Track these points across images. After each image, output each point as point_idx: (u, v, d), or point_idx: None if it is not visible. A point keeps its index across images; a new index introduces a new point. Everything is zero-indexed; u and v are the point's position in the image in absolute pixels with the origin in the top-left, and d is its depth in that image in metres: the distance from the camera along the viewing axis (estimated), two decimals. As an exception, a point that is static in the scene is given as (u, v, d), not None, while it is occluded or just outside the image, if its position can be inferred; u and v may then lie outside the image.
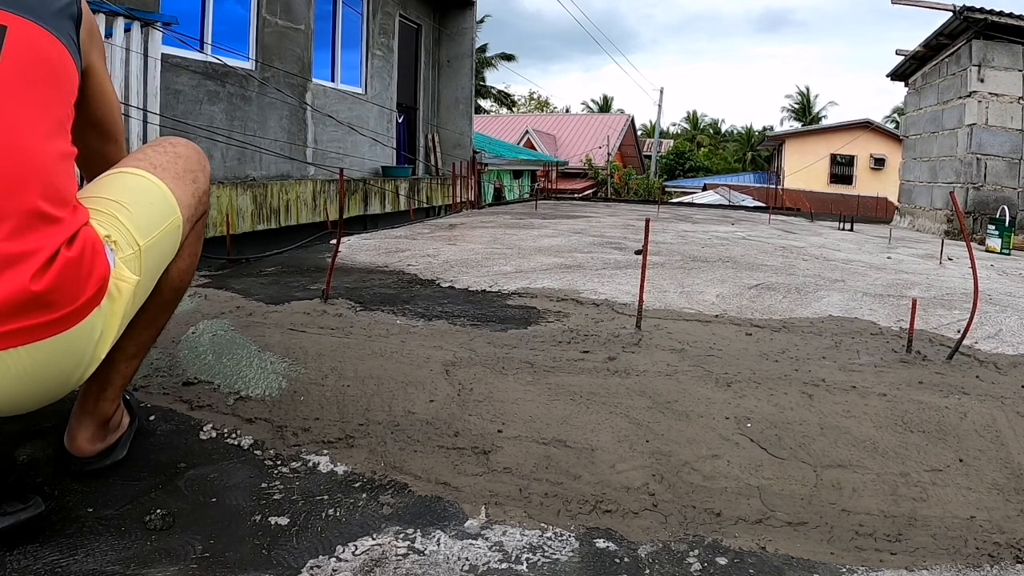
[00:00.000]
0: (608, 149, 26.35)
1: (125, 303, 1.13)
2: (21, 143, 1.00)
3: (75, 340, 1.04)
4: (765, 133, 33.60)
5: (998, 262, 5.63)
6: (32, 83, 1.03)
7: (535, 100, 40.66)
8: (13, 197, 0.97)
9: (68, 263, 1.00)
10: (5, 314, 0.95)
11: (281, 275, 3.31)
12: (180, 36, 5.06)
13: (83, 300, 1.03)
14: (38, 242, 0.98)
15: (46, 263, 0.98)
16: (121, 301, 1.11)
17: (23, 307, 0.96)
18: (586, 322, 2.48)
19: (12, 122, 1.00)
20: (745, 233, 6.60)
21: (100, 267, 1.06)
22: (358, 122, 8.17)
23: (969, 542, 1.24)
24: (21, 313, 0.96)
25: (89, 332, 1.06)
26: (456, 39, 10.81)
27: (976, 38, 7.90)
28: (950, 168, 8.57)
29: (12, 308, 0.95)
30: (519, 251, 4.37)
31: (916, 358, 2.16)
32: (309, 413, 1.65)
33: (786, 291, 3.25)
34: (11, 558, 1.07)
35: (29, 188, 0.99)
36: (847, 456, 1.49)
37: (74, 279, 1.01)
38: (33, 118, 1.02)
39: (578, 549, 1.19)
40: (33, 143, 1.01)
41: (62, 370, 1.05)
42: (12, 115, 1.00)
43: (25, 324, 0.97)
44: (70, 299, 1.01)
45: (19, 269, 0.96)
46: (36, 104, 1.03)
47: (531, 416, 1.62)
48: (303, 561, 1.11)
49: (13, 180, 0.98)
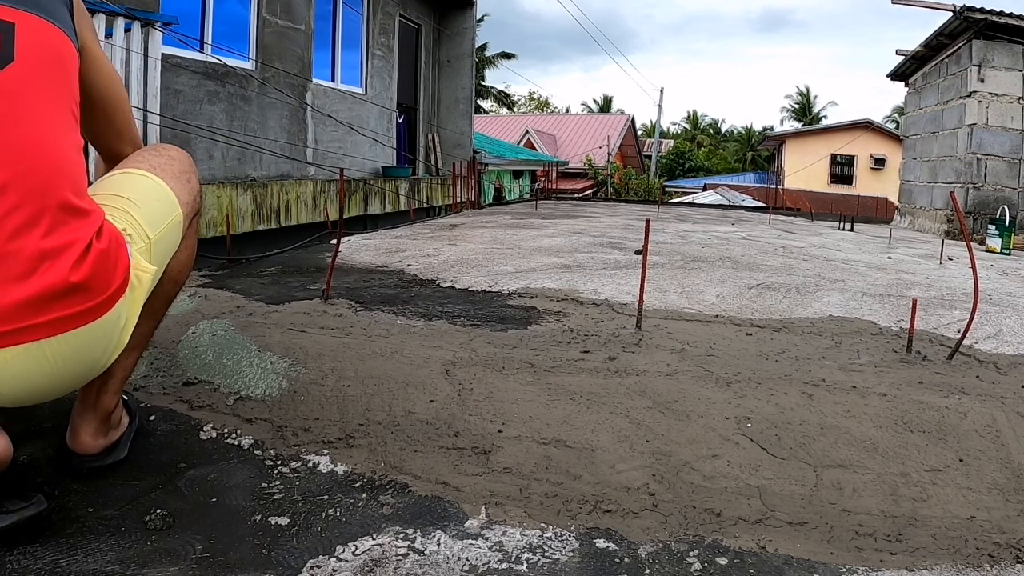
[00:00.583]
0: (608, 149, 26.36)
1: (145, 292, 1.20)
2: (49, 140, 1.05)
3: (105, 328, 1.10)
4: (765, 133, 33.59)
5: (998, 262, 5.63)
6: (47, 79, 1.07)
7: (535, 100, 40.69)
8: (48, 194, 1.03)
9: (100, 254, 1.07)
10: (45, 304, 1.01)
11: (281, 275, 3.31)
12: (180, 36, 5.07)
13: (112, 290, 1.10)
14: (73, 234, 1.04)
15: (82, 254, 1.04)
16: (141, 290, 1.18)
17: (62, 296, 1.03)
18: (586, 322, 2.48)
19: (37, 119, 1.04)
20: (745, 233, 6.60)
21: (124, 258, 1.13)
22: (358, 122, 8.17)
23: (969, 542, 1.24)
24: (60, 303, 1.02)
25: (116, 320, 1.12)
26: (456, 39, 10.81)
27: (976, 38, 7.90)
28: (950, 168, 8.57)
29: (52, 297, 1.02)
30: (519, 251, 4.37)
31: (916, 358, 2.16)
32: (309, 413, 1.65)
33: (786, 291, 3.25)
34: (11, 558, 1.07)
35: (61, 183, 1.05)
36: (847, 456, 1.49)
37: (104, 270, 1.08)
38: (53, 114, 1.06)
39: (578, 549, 1.19)
40: (57, 138, 1.06)
41: (92, 357, 1.12)
42: (36, 113, 1.04)
43: (63, 314, 1.03)
44: (102, 288, 1.08)
45: (59, 262, 1.02)
46: (53, 100, 1.07)
47: (531, 416, 1.62)
48: (303, 561, 1.11)
49: (46, 177, 1.03)
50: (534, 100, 40.69)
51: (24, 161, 1.02)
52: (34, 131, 1.03)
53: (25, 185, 1.01)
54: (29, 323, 1.01)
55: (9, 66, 1.02)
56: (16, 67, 1.03)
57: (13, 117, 1.02)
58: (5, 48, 1.02)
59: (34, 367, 1.04)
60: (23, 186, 1.01)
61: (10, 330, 1.00)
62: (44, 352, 1.03)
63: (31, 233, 1.00)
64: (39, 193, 1.02)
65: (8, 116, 1.01)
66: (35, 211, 1.01)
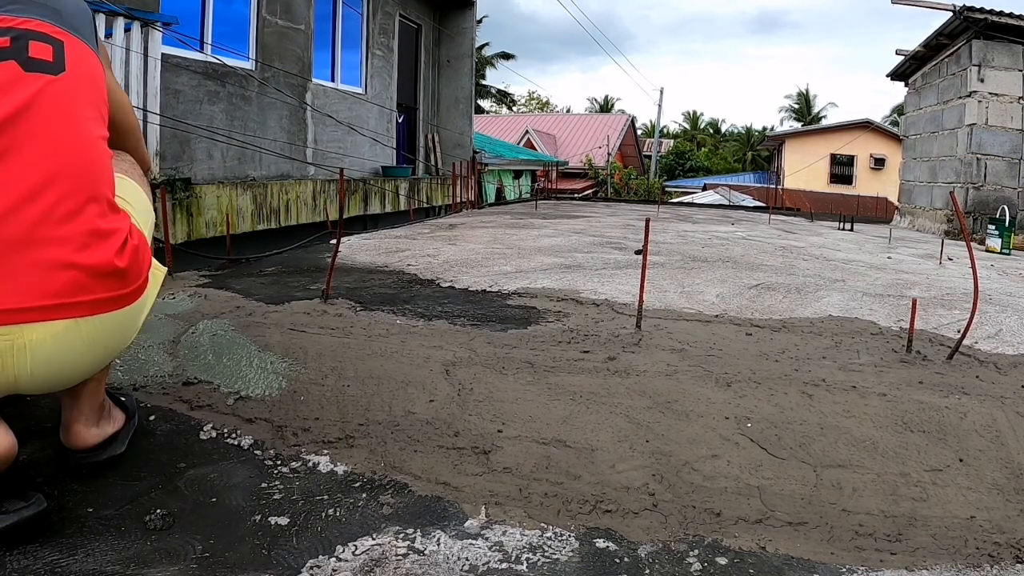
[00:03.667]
0: (608, 149, 26.34)
1: (157, 289, 1.33)
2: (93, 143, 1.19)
3: (132, 315, 1.23)
4: (765, 133, 33.58)
5: (998, 262, 5.63)
6: (89, 93, 1.22)
7: (535, 100, 40.66)
8: (99, 184, 1.17)
9: (135, 249, 1.20)
10: (94, 280, 1.13)
11: (281, 275, 3.31)
12: (180, 36, 5.06)
13: (141, 281, 1.22)
14: (118, 223, 1.19)
15: (124, 243, 1.18)
16: (155, 285, 1.32)
17: (107, 278, 1.14)
18: (586, 322, 2.48)
19: (84, 125, 1.18)
20: (745, 233, 6.60)
21: (147, 256, 1.27)
22: (358, 122, 8.17)
23: (969, 542, 1.24)
24: (102, 283, 1.14)
25: (141, 309, 1.25)
26: (456, 39, 10.81)
27: (976, 38, 7.89)
28: (950, 168, 8.57)
29: (99, 275, 1.13)
30: (519, 251, 4.36)
31: (916, 358, 2.16)
32: (309, 413, 1.65)
33: (786, 291, 3.25)
34: (11, 558, 1.07)
35: (106, 179, 1.20)
36: (847, 456, 1.49)
37: (137, 262, 1.21)
38: (94, 123, 1.21)
39: (578, 549, 1.19)
40: (99, 144, 1.21)
41: (120, 339, 1.23)
42: (83, 118, 1.18)
43: (103, 296, 1.15)
44: (135, 278, 1.20)
45: (109, 243, 1.15)
46: (93, 112, 1.22)
47: (531, 416, 1.62)
48: (303, 561, 1.11)
49: (92, 174, 1.16)
50: (534, 100, 40.69)
51: (74, 156, 1.14)
52: (82, 134, 1.17)
53: (75, 177, 1.13)
54: (74, 299, 1.11)
55: (62, 74, 1.17)
56: (67, 77, 1.18)
57: (65, 118, 1.16)
58: (57, 59, 1.18)
59: (68, 344, 1.12)
60: (73, 177, 1.13)
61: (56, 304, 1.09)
62: (81, 330, 1.12)
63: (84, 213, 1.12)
64: (88, 186, 1.14)
65: (62, 116, 1.15)
66: (85, 199, 1.13)
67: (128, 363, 1.85)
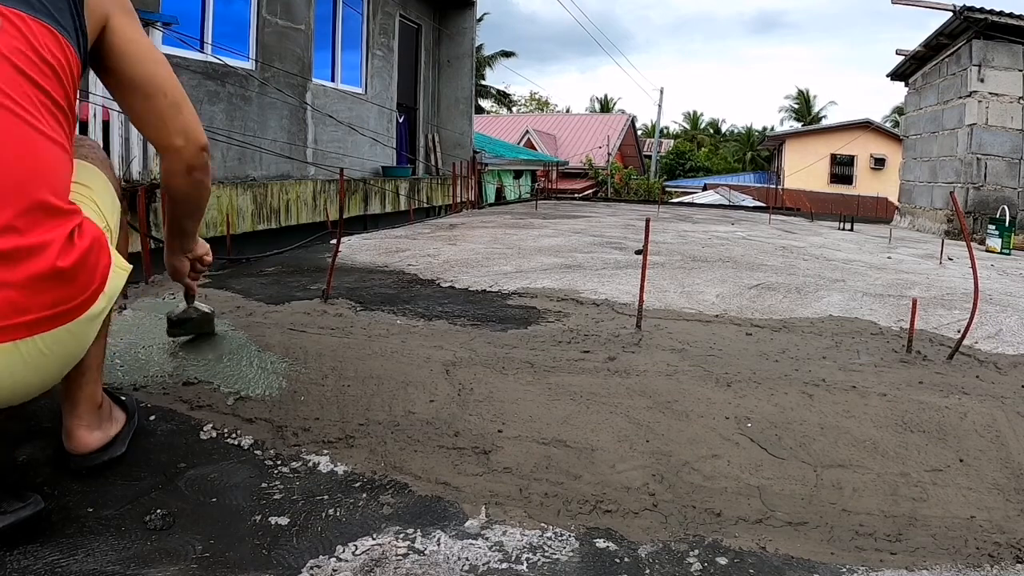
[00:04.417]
0: (608, 149, 26.35)
1: (119, 288, 1.20)
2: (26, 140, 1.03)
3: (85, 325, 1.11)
4: (765, 133, 33.59)
5: (998, 262, 5.63)
6: (27, 79, 1.05)
7: (535, 100, 40.67)
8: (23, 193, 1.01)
9: (84, 251, 1.07)
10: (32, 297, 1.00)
11: (281, 275, 3.31)
12: (180, 36, 5.06)
13: (94, 287, 1.10)
14: (50, 233, 1.03)
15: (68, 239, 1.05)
16: (115, 288, 1.18)
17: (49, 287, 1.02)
18: (586, 322, 2.48)
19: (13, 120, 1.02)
20: (745, 233, 6.60)
21: (104, 258, 1.14)
22: (358, 122, 8.17)
23: (969, 542, 1.24)
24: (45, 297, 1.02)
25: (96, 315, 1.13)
26: (456, 39, 10.81)
27: (976, 38, 7.89)
28: (950, 168, 8.57)
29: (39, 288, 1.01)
30: (519, 251, 4.36)
31: (916, 358, 2.16)
32: (309, 413, 1.65)
33: (786, 291, 3.25)
34: (11, 558, 1.07)
35: (38, 183, 1.03)
36: (847, 456, 1.49)
37: (87, 265, 1.08)
38: (33, 114, 1.05)
39: (578, 549, 1.19)
40: (34, 139, 1.04)
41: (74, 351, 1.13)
42: (12, 113, 1.02)
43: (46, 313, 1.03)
44: (86, 284, 1.08)
45: (47, 251, 1.02)
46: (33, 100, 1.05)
47: (531, 416, 1.62)
48: (303, 561, 1.11)
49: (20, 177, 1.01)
50: (534, 100, 40.70)
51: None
52: (8, 132, 1.01)
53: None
54: (8, 322, 0.99)
55: None
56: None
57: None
58: None
59: (10, 368, 1.02)
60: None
61: None
62: (22, 353, 1.02)
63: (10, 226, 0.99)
64: (13, 192, 1.00)
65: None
66: (13, 210, 1.00)
67: (128, 363, 1.85)
